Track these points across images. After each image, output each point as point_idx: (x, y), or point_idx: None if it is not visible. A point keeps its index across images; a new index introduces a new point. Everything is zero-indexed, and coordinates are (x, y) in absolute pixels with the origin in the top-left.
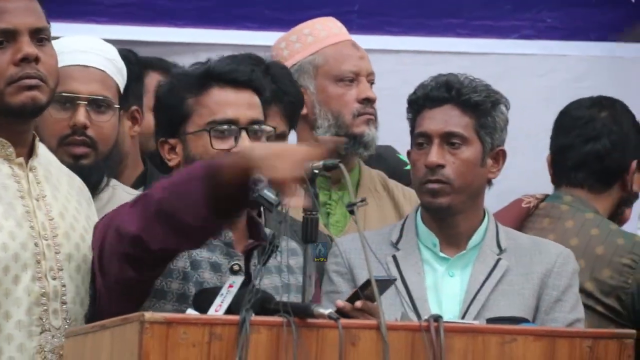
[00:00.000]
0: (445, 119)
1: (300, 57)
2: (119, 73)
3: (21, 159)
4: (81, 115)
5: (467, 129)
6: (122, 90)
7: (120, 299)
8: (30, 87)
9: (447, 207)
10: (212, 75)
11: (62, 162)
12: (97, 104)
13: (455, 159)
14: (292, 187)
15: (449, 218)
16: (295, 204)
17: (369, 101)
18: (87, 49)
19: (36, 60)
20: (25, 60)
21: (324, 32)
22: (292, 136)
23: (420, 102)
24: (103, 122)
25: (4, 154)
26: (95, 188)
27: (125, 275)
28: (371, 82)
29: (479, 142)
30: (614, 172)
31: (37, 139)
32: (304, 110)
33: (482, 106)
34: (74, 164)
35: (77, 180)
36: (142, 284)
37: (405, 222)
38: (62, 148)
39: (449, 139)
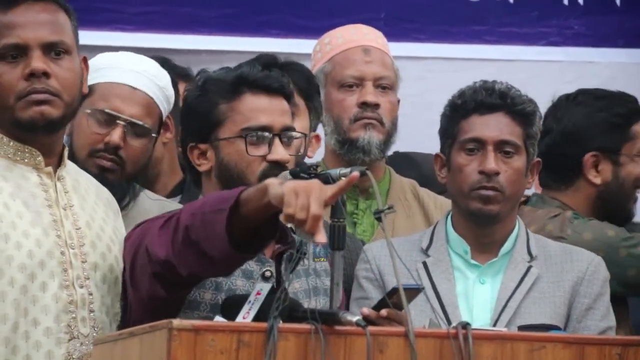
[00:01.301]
0: (500, 126)
1: (318, 66)
2: (166, 101)
3: (49, 169)
4: (116, 136)
5: (519, 138)
6: (164, 118)
7: (152, 312)
8: (39, 102)
9: (496, 215)
10: (246, 82)
11: (88, 172)
12: (135, 128)
13: (508, 167)
14: (312, 226)
15: (488, 226)
16: (319, 240)
17: (368, 105)
18: (141, 71)
19: (46, 74)
20: (34, 75)
21: (341, 39)
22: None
23: (470, 107)
24: (137, 146)
25: (33, 162)
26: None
27: (155, 293)
28: (382, 87)
29: (525, 152)
30: (569, 168)
31: (66, 149)
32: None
33: (531, 116)
34: (99, 176)
35: (106, 192)
36: (173, 300)
37: (435, 229)
38: (92, 159)
39: (503, 147)
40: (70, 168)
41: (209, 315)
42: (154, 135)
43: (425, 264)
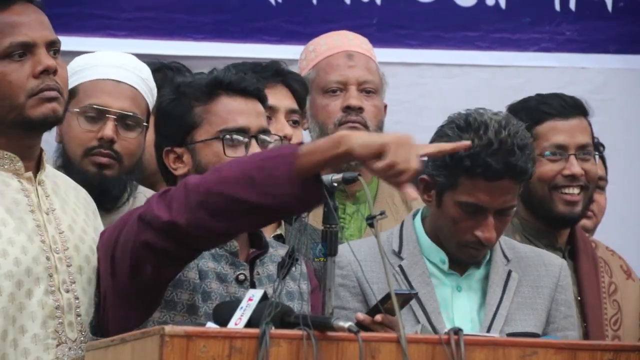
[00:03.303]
0: (504, 195)
1: (303, 74)
2: (149, 92)
3: (30, 173)
4: (109, 130)
5: (517, 196)
6: (151, 109)
7: (129, 304)
8: (51, 99)
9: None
10: (221, 84)
11: (86, 171)
12: (126, 120)
13: (502, 223)
14: (408, 178)
15: None
16: (412, 196)
17: (352, 109)
18: (121, 65)
19: (55, 72)
20: (45, 72)
21: (325, 46)
22: None
23: (478, 171)
24: (130, 138)
25: (12, 168)
26: (115, 201)
27: (140, 270)
28: (366, 91)
29: (518, 198)
30: None
31: (44, 152)
32: (305, 125)
33: (531, 172)
34: (97, 174)
35: (83, 192)
36: (153, 286)
37: (402, 231)
38: (87, 158)
39: (503, 212)
40: (48, 171)
41: (186, 316)
42: (145, 124)
43: (401, 267)
